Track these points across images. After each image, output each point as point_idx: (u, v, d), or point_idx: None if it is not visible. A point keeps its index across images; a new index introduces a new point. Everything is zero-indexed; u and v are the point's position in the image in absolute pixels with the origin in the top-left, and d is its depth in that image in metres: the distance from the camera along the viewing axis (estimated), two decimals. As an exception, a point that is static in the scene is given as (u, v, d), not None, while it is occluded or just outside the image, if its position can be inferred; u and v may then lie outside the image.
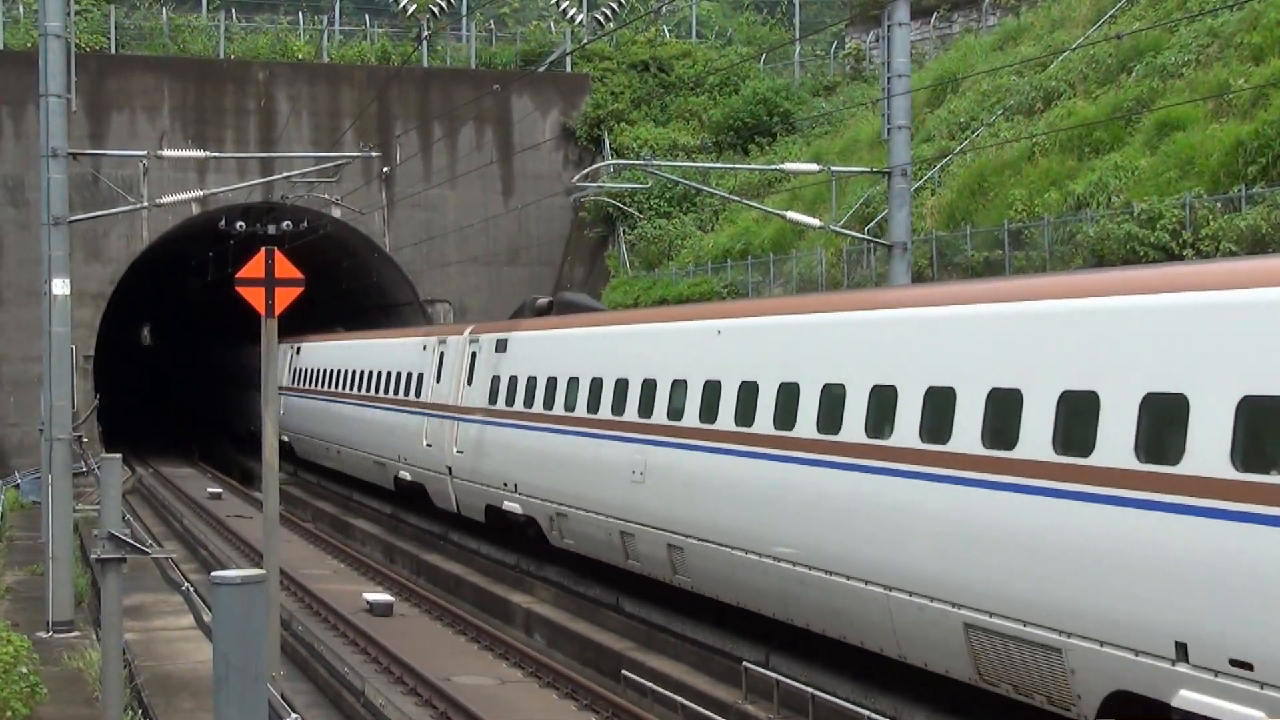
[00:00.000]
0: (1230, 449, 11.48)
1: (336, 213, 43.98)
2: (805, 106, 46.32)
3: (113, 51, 47.75)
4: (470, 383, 29.50)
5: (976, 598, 14.06)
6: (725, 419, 18.94)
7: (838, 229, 27.78)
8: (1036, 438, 13.39)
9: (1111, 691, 12.72)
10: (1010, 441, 13.69)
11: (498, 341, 28.29)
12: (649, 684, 19.03)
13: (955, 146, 32.45)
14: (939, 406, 14.78)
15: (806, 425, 17.04)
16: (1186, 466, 11.85)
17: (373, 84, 47.32)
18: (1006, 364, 14.05)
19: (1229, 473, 11.47)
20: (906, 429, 15.22)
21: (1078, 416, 13.00)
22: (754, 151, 44.17)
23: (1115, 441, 12.57)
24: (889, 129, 23.45)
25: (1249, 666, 11.29)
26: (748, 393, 18.54)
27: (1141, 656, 12.25)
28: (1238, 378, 11.55)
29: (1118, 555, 12.45)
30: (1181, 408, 11.95)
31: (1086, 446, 12.85)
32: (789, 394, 17.55)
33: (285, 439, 45.86)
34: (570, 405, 24.19)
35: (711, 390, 19.43)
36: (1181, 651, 11.87)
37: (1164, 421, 12.16)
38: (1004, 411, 13.87)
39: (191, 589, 24.03)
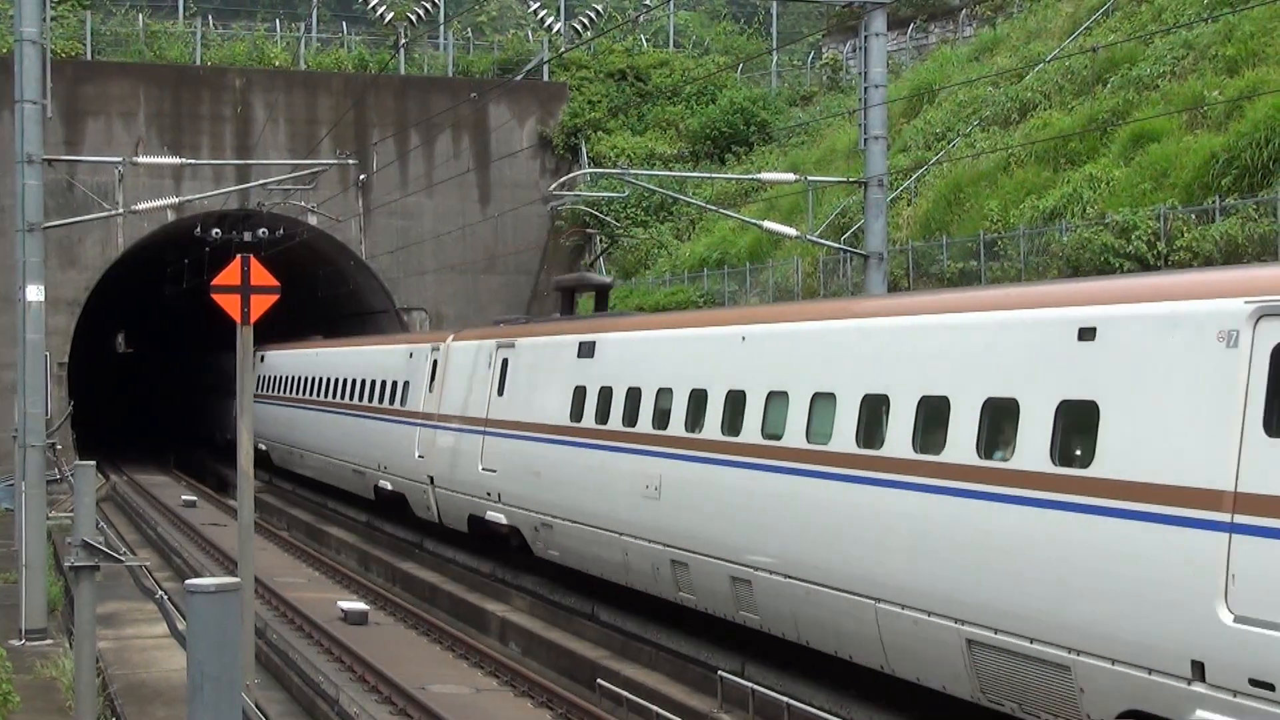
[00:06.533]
0: None
1: (313, 220, 43.94)
2: (782, 116, 46.43)
3: (89, 58, 47.61)
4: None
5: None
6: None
7: (814, 239, 27.84)
8: None
9: None
10: None
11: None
12: (624, 693, 19.02)
13: (931, 157, 32.57)
14: None
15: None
16: None
17: (349, 91, 47.28)
18: None
19: None
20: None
21: None
22: (731, 161, 44.25)
23: None
24: (865, 139, 23.51)
25: None
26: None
27: None
28: None
29: None
30: None
31: None
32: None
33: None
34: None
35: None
36: None
37: None
38: None
39: (165, 597, 23.87)
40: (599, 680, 20.04)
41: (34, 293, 22.49)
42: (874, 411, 15.48)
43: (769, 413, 17.36)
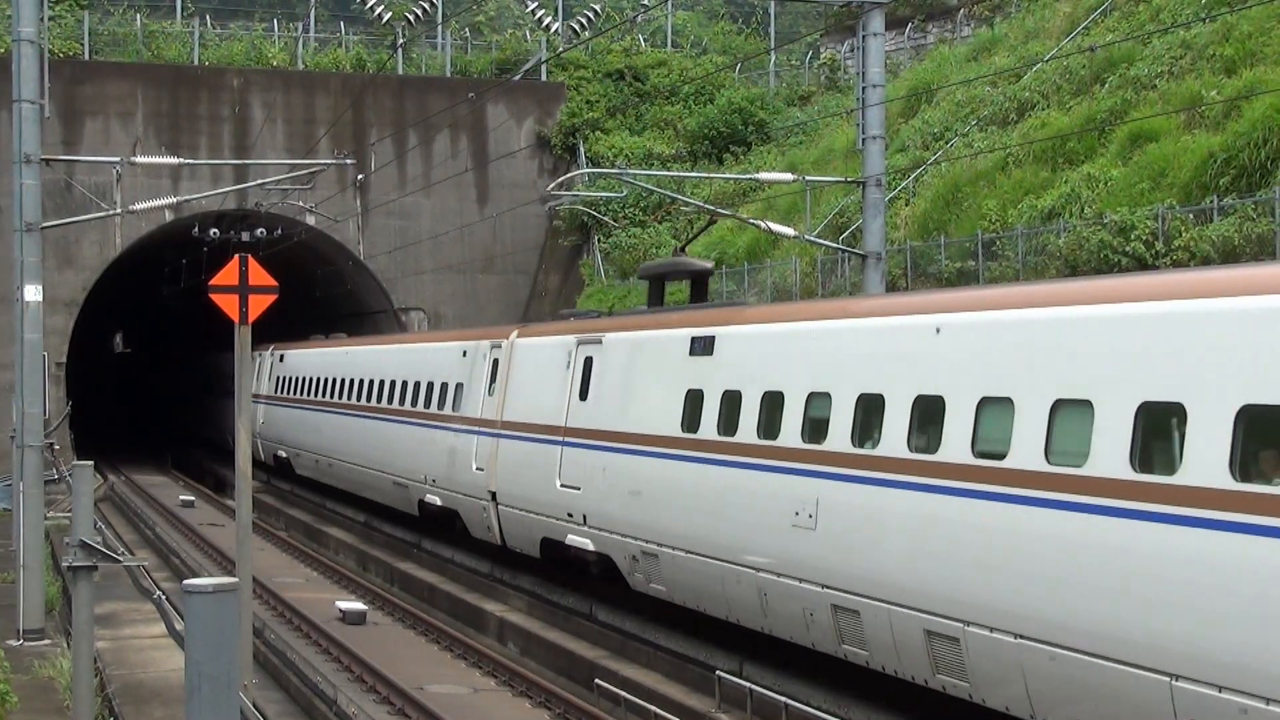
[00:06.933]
0: None
1: (311, 220, 43.93)
2: (780, 116, 46.44)
3: (87, 57, 47.61)
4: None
5: None
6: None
7: (812, 239, 27.83)
8: None
9: None
10: None
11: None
12: (622, 693, 19.02)
13: (929, 157, 32.57)
14: None
15: None
16: None
17: (347, 91, 47.28)
18: None
19: None
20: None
21: None
22: (729, 161, 44.27)
23: None
24: (863, 139, 23.52)
25: None
26: None
27: None
28: None
29: None
30: None
31: None
32: None
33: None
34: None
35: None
36: None
37: None
38: None
39: (163, 597, 23.95)
40: (597, 680, 20.04)
41: (32, 293, 22.47)
42: (1157, 424, 11.93)
43: (983, 424, 13.80)
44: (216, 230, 42.70)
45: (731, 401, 18.04)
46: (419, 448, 30.08)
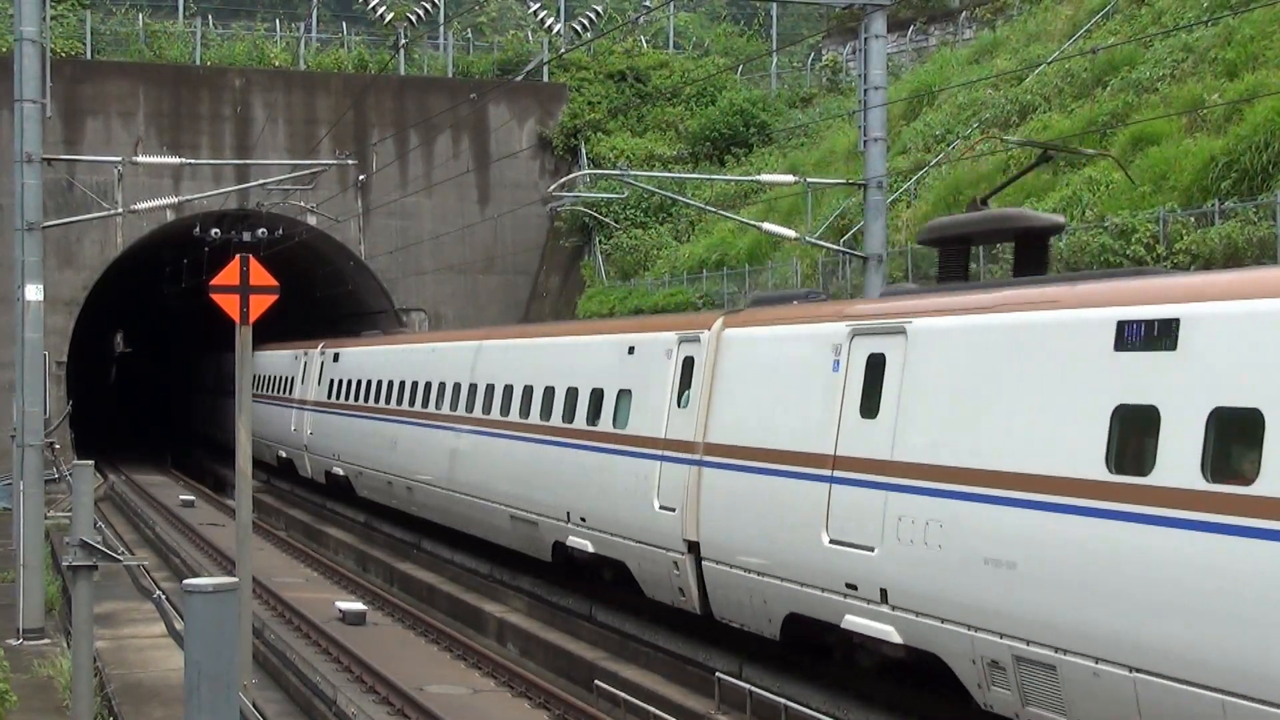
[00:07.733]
0: None
1: (312, 220, 43.96)
2: (782, 118, 46.47)
3: (88, 57, 47.63)
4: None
5: None
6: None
7: (813, 240, 27.82)
8: None
9: None
10: None
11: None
12: (621, 694, 19.02)
13: (931, 159, 32.56)
14: None
15: None
16: None
17: (349, 91, 47.29)
18: None
19: None
20: None
21: None
22: (730, 162, 44.28)
23: None
24: (865, 141, 23.52)
25: None
26: None
27: None
28: None
29: None
30: None
31: None
32: None
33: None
34: None
35: None
36: None
37: None
38: None
39: (163, 596, 23.97)
40: (596, 681, 20.04)
41: (33, 292, 22.48)
42: None
43: None
44: (218, 230, 42.74)
45: (1231, 428, 11.34)
46: (556, 474, 23.51)
